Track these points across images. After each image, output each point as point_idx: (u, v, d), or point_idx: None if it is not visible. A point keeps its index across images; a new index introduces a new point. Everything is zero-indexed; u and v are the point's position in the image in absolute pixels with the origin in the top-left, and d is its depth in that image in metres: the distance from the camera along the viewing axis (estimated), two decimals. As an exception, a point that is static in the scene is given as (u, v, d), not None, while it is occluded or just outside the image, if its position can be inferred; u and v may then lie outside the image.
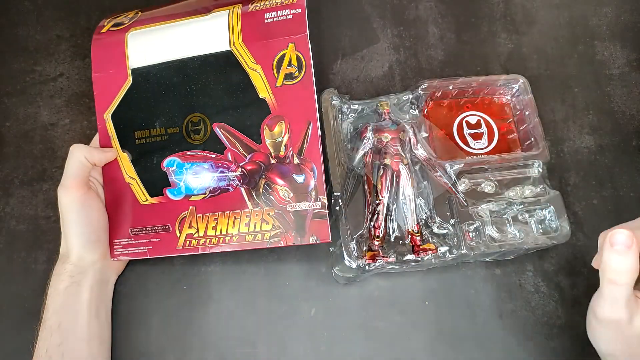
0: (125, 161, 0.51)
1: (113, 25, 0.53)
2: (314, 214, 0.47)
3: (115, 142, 0.51)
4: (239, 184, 0.49)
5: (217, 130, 0.49)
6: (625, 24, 0.65)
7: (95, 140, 0.52)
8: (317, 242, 0.47)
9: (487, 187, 0.50)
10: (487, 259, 0.52)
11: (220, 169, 0.49)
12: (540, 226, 0.49)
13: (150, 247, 0.50)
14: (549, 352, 0.51)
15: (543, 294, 0.52)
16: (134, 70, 0.51)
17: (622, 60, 0.63)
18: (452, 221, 0.48)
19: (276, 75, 0.48)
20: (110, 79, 0.51)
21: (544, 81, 0.62)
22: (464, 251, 0.47)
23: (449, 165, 0.49)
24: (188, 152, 0.50)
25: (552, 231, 0.49)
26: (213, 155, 0.50)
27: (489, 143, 0.53)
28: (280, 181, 0.48)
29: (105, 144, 0.51)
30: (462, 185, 0.50)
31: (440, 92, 0.53)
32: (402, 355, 0.50)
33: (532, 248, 0.49)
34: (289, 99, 0.48)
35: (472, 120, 0.54)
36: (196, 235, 0.49)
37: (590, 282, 0.53)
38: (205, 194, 0.50)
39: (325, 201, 0.47)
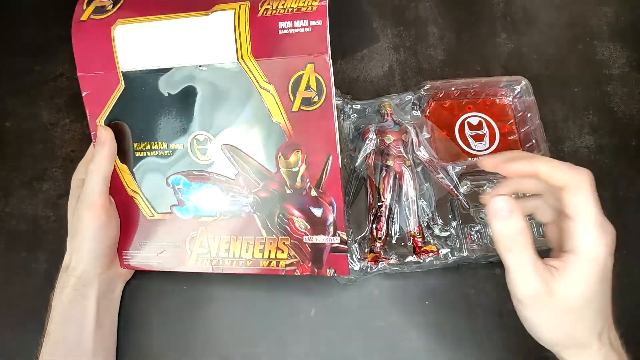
0: (125, 173, 0.47)
1: (94, 12, 0.44)
2: (332, 247, 0.45)
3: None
4: (252, 211, 0.46)
5: (227, 154, 0.45)
6: (625, 24, 0.65)
7: (91, 149, 0.49)
8: (335, 275, 0.45)
9: (489, 190, 0.50)
10: (489, 260, 0.52)
11: (231, 194, 0.46)
12: (540, 228, 0.49)
13: (161, 261, 0.49)
14: (548, 352, 0.51)
15: (543, 294, 0.52)
16: (125, 74, 0.44)
17: (622, 60, 0.63)
18: (454, 223, 0.48)
19: (292, 98, 0.42)
20: (99, 81, 0.45)
21: (544, 81, 0.62)
22: (465, 253, 0.47)
23: (451, 167, 0.49)
24: (195, 172, 0.46)
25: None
26: (222, 179, 0.45)
27: (491, 144, 0.53)
28: (296, 212, 0.45)
29: None
30: (464, 188, 0.50)
31: (442, 93, 0.53)
32: (402, 355, 0.50)
33: None
34: (307, 127, 0.42)
35: (474, 121, 0.54)
36: (207, 255, 0.47)
37: (590, 282, 0.53)
38: (216, 216, 0.47)
39: (345, 237, 0.44)
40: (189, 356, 0.50)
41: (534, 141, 0.52)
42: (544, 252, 0.52)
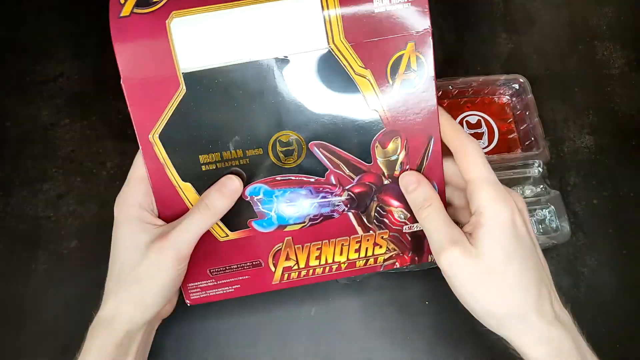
0: (189, 193, 0.40)
1: (137, 5, 0.37)
2: None
3: (171, 170, 0.39)
4: (346, 209, 0.42)
5: (316, 151, 0.40)
6: (625, 24, 0.65)
7: (136, 168, 0.40)
8: (435, 260, 0.41)
9: None
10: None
11: (321, 195, 0.42)
12: (540, 226, 0.49)
13: (239, 286, 0.43)
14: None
15: (543, 294, 0.52)
16: (187, 75, 0.37)
17: (622, 60, 0.63)
18: (453, 221, 0.49)
19: (390, 82, 0.38)
20: (152, 87, 0.37)
21: (544, 81, 0.62)
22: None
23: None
24: (278, 177, 0.41)
25: (552, 231, 0.49)
26: (312, 179, 0.41)
27: (489, 143, 0.53)
28: (395, 202, 0.42)
29: (154, 174, 0.39)
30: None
31: (440, 92, 0.53)
32: (402, 355, 0.50)
33: None
34: (406, 111, 0.39)
35: (473, 120, 0.54)
36: (296, 267, 0.43)
37: (590, 282, 0.53)
38: (304, 222, 0.42)
39: None
40: (189, 356, 0.50)
41: (532, 139, 0.52)
42: (545, 251, 0.53)
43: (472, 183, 0.36)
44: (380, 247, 0.43)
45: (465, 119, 0.54)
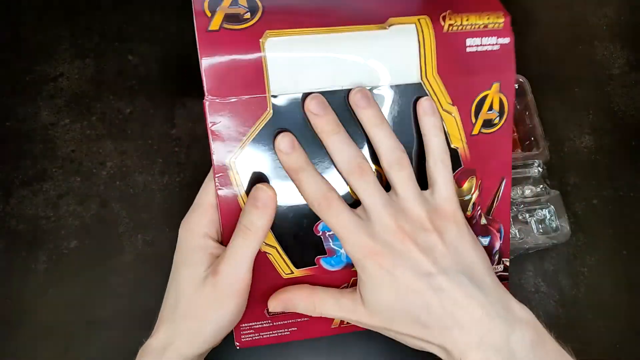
0: None
1: (227, 20, 0.34)
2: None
3: (243, 198, 0.36)
4: None
5: None
6: (625, 24, 0.65)
7: (204, 193, 0.36)
8: None
9: None
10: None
11: None
12: (540, 226, 0.49)
13: (295, 329, 0.40)
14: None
15: (543, 294, 0.52)
16: (277, 99, 0.35)
17: (622, 60, 0.63)
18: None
19: (474, 121, 0.38)
20: (239, 108, 0.35)
21: (544, 81, 0.61)
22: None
23: (449, 165, 0.49)
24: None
25: (552, 231, 0.49)
26: None
27: (489, 143, 0.53)
28: None
29: (225, 200, 0.35)
30: (463, 185, 0.50)
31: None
32: (402, 355, 0.50)
33: (532, 248, 0.49)
34: (484, 151, 0.38)
35: (473, 120, 0.54)
36: None
37: (590, 282, 0.53)
38: None
39: (508, 264, 0.41)
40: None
41: (532, 139, 0.52)
42: (545, 251, 0.53)
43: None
44: None
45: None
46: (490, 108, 0.38)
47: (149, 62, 0.61)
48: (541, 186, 0.50)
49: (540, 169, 0.51)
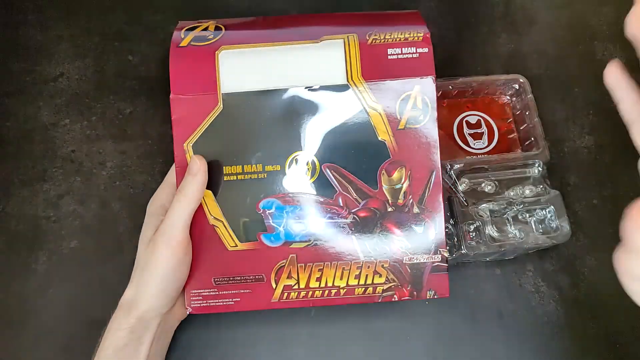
0: (209, 199, 0.44)
1: (195, 40, 0.45)
2: (432, 267, 0.44)
3: None
4: (350, 232, 0.44)
5: (328, 173, 0.44)
6: (625, 24, 0.65)
7: (171, 173, 0.46)
8: (435, 297, 0.44)
9: (487, 187, 0.50)
10: (487, 259, 0.52)
11: (329, 215, 0.44)
12: (540, 226, 0.49)
13: (239, 300, 0.45)
14: (549, 352, 0.51)
15: (543, 294, 0.52)
16: (226, 96, 0.44)
17: (622, 60, 0.62)
18: (452, 221, 0.48)
19: (399, 117, 0.44)
20: (195, 103, 0.44)
21: (544, 81, 0.62)
22: (464, 251, 0.47)
23: (449, 164, 0.49)
24: (290, 194, 0.44)
25: (552, 231, 0.49)
26: (321, 200, 0.44)
27: (489, 143, 0.53)
28: (397, 231, 0.44)
29: (182, 179, 0.44)
30: (462, 185, 0.50)
31: (440, 92, 0.53)
32: (402, 355, 0.50)
33: (532, 248, 0.49)
34: (411, 144, 0.44)
35: (472, 120, 0.54)
36: (296, 287, 0.44)
37: (590, 282, 0.53)
38: (309, 241, 0.44)
39: (447, 254, 0.44)
40: (189, 356, 0.50)
41: (532, 139, 0.52)
42: (545, 251, 0.53)
43: None
44: (380, 275, 0.44)
45: (465, 119, 0.54)
46: (414, 107, 0.44)
47: (149, 62, 0.61)
48: (541, 186, 0.50)
49: (540, 169, 0.51)
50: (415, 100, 0.44)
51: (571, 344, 0.50)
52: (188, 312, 0.46)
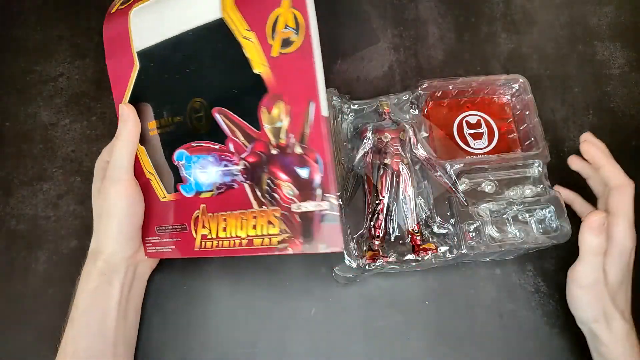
0: (143, 155, 0.47)
1: (122, 3, 0.47)
2: (322, 216, 0.39)
3: None
4: (243, 180, 0.42)
5: (217, 117, 0.43)
6: (625, 24, 0.65)
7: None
8: (327, 250, 0.39)
9: (487, 187, 0.50)
10: (487, 259, 0.52)
11: (224, 162, 0.43)
12: (540, 226, 0.49)
13: (173, 247, 0.47)
14: (549, 352, 0.51)
15: (543, 294, 0.52)
16: (139, 53, 0.45)
17: (622, 60, 0.63)
18: (452, 221, 0.48)
19: (271, 42, 0.39)
20: (121, 65, 0.47)
21: (544, 81, 0.62)
22: (464, 251, 0.47)
23: (449, 165, 0.49)
24: (194, 144, 0.45)
25: (552, 231, 0.49)
26: (216, 147, 0.43)
27: (489, 143, 0.53)
28: (283, 176, 0.40)
29: None
30: (462, 185, 0.50)
31: (440, 92, 0.53)
32: (402, 355, 0.50)
33: (532, 248, 0.49)
34: (287, 72, 0.39)
35: (472, 120, 0.54)
36: (210, 236, 0.45)
37: (590, 282, 0.53)
38: (212, 190, 0.44)
39: (335, 201, 0.38)
40: (189, 356, 0.50)
41: (532, 139, 0.51)
42: (545, 251, 0.53)
43: (616, 216, 0.44)
44: (274, 226, 0.41)
45: (465, 119, 0.54)
46: (286, 26, 0.38)
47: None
48: (541, 186, 0.50)
49: (540, 169, 0.50)
50: (286, 19, 0.38)
51: (571, 344, 0.50)
52: (146, 257, 0.49)
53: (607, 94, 0.62)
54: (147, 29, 0.45)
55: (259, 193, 0.42)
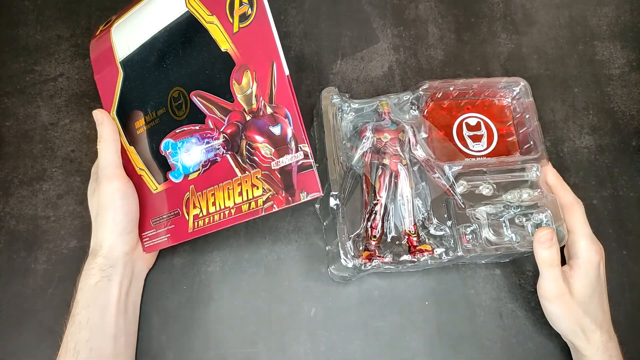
0: (133, 154, 0.51)
1: (104, 25, 0.53)
2: (298, 166, 0.42)
3: (123, 138, 0.51)
4: (224, 152, 0.46)
5: (195, 100, 0.47)
6: (625, 24, 0.65)
7: None
8: (308, 198, 0.42)
9: (485, 190, 0.50)
10: (483, 262, 0.52)
11: (206, 140, 0.47)
12: (536, 230, 0.48)
13: (169, 235, 0.49)
14: (549, 352, 0.51)
15: (543, 294, 0.52)
16: (122, 62, 0.51)
17: (622, 60, 0.63)
18: (449, 223, 0.48)
19: (231, 20, 0.44)
20: (108, 77, 0.52)
21: (544, 81, 0.62)
22: (460, 253, 0.46)
23: (447, 166, 0.49)
24: (177, 130, 0.48)
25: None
26: (197, 127, 0.47)
27: (488, 145, 0.53)
28: (259, 138, 0.44)
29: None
30: (460, 187, 0.50)
31: (440, 93, 0.53)
32: (402, 355, 0.50)
33: (528, 252, 0.48)
34: (249, 43, 0.44)
35: (472, 122, 0.54)
36: (201, 214, 0.47)
37: (589, 282, 0.53)
38: (199, 170, 0.48)
39: (308, 149, 0.42)
40: (189, 356, 0.50)
41: (532, 142, 0.51)
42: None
43: (575, 234, 0.47)
44: (257, 188, 0.44)
45: (464, 121, 0.53)
46: (241, 3, 0.43)
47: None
48: (539, 190, 0.49)
49: (539, 173, 0.50)
50: None
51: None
52: (145, 252, 0.51)
53: (607, 94, 0.62)
54: (126, 39, 0.51)
55: (240, 160, 0.45)
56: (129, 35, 0.51)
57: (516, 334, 0.51)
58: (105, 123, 0.49)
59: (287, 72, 0.42)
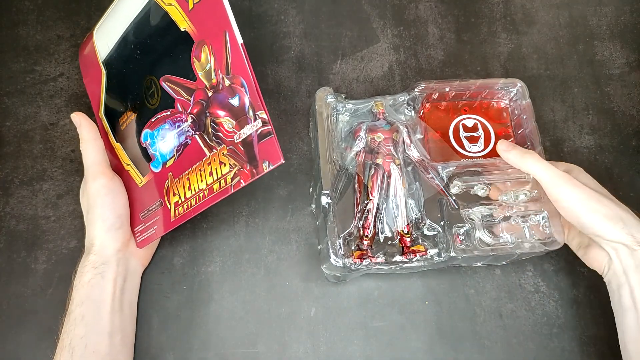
0: (120, 151, 0.52)
1: (89, 30, 0.55)
2: (258, 135, 0.41)
3: (111, 136, 0.52)
4: (193, 133, 0.46)
5: (164, 85, 0.48)
6: (625, 24, 0.65)
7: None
8: (271, 167, 0.40)
9: (480, 191, 0.50)
10: (479, 264, 0.51)
11: (177, 124, 0.47)
12: (533, 232, 0.48)
13: (157, 227, 0.49)
14: (549, 352, 0.51)
15: (543, 294, 0.52)
16: (104, 62, 0.53)
17: (622, 60, 0.63)
18: (442, 223, 0.48)
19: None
20: (94, 79, 0.53)
21: (544, 81, 0.62)
22: (452, 254, 0.46)
23: (441, 167, 0.49)
24: (153, 119, 0.49)
25: (545, 237, 0.47)
26: (168, 112, 0.48)
27: (485, 147, 0.52)
28: (221, 112, 0.43)
29: (105, 142, 0.52)
30: (455, 188, 0.49)
31: (437, 94, 0.53)
32: (402, 355, 0.50)
33: (524, 254, 0.48)
34: (203, 18, 0.43)
35: (469, 123, 0.53)
36: (180, 201, 0.47)
37: (590, 282, 0.53)
38: (174, 155, 0.48)
39: (265, 116, 0.40)
40: (189, 356, 0.50)
41: (529, 144, 0.51)
42: (540, 257, 0.53)
43: (544, 177, 0.45)
44: (225, 164, 0.44)
45: (461, 122, 0.53)
46: None
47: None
48: (536, 191, 0.49)
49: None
50: None
51: (571, 344, 0.51)
52: (138, 248, 0.51)
53: (607, 94, 0.62)
54: (105, 39, 0.52)
55: (207, 139, 0.45)
56: (107, 35, 0.52)
57: (516, 334, 0.51)
58: (84, 124, 0.50)
59: (240, 40, 0.41)
